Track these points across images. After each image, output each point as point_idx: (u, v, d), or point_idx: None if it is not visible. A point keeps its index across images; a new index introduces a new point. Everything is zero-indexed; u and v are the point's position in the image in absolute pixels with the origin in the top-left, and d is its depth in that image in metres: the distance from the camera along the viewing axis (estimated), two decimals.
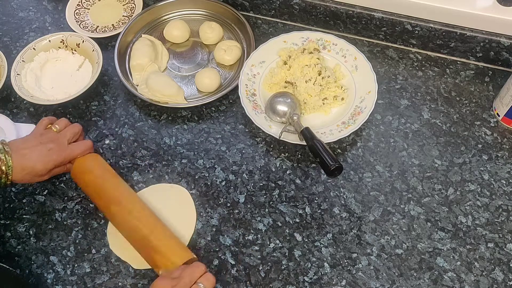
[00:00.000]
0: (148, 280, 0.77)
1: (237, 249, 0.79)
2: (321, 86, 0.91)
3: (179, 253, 0.73)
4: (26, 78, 0.97)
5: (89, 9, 1.11)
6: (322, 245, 0.79)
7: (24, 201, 0.85)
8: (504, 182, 0.84)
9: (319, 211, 0.82)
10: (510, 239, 0.79)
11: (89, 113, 0.96)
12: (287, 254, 0.79)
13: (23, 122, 0.94)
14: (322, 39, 0.97)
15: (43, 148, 0.78)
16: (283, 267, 0.77)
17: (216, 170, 0.88)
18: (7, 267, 0.71)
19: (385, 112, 0.93)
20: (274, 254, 0.79)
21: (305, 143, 0.83)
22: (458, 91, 0.95)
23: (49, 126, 0.84)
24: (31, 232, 0.82)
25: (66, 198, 0.85)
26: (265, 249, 0.79)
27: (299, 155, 0.89)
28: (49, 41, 1.01)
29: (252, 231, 0.81)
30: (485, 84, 0.96)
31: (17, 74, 0.96)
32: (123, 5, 1.11)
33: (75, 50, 1.02)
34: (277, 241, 0.80)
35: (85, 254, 0.80)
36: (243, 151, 0.90)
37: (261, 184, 0.86)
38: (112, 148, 0.91)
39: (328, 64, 0.96)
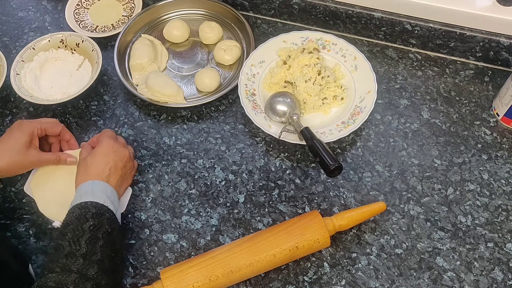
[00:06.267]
0: (148, 280, 0.77)
1: None
2: (320, 86, 0.91)
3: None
4: (26, 77, 0.97)
5: (88, 8, 1.11)
6: None
7: (24, 201, 0.85)
8: (504, 182, 0.85)
9: (319, 210, 0.82)
10: (509, 238, 0.79)
11: (88, 113, 0.96)
12: None
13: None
14: (322, 38, 0.98)
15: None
16: (282, 267, 0.77)
17: (215, 170, 0.88)
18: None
19: (384, 112, 0.93)
20: None
21: (305, 143, 0.83)
22: (458, 91, 0.95)
23: None
24: (31, 232, 0.82)
25: None
26: None
27: (299, 155, 0.89)
28: (49, 41, 1.01)
29: (252, 230, 0.81)
30: (484, 84, 0.96)
31: (17, 74, 0.96)
32: (123, 4, 1.11)
33: (74, 50, 1.01)
34: None
35: None
36: (243, 151, 0.90)
37: (261, 184, 0.86)
38: None
39: (327, 64, 0.96)
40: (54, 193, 0.82)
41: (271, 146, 0.90)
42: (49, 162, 0.83)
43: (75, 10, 1.09)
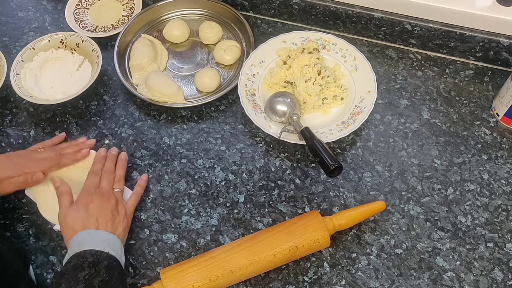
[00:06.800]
0: (148, 280, 0.77)
1: None
2: (320, 86, 0.91)
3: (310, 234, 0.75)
4: (26, 78, 0.97)
5: (88, 8, 1.11)
6: None
7: (24, 201, 0.85)
8: (504, 182, 0.85)
9: (319, 210, 0.82)
10: (509, 238, 0.79)
11: (88, 113, 0.96)
12: None
13: None
14: (322, 38, 0.98)
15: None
16: (282, 267, 0.77)
17: (215, 170, 0.88)
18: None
19: (384, 112, 0.93)
20: None
21: (305, 143, 0.83)
22: (458, 91, 0.95)
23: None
24: (30, 232, 0.82)
25: None
26: None
27: (299, 155, 0.89)
28: (49, 41, 1.01)
29: (251, 231, 0.81)
30: (484, 84, 0.96)
31: (17, 74, 0.96)
32: (123, 4, 1.11)
33: (74, 50, 1.01)
34: None
35: None
36: (243, 151, 0.90)
37: (261, 184, 0.86)
38: None
39: (327, 64, 0.96)
40: (56, 196, 0.81)
41: (271, 146, 0.90)
42: (19, 186, 0.82)
43: (75, 10, 1.09)
